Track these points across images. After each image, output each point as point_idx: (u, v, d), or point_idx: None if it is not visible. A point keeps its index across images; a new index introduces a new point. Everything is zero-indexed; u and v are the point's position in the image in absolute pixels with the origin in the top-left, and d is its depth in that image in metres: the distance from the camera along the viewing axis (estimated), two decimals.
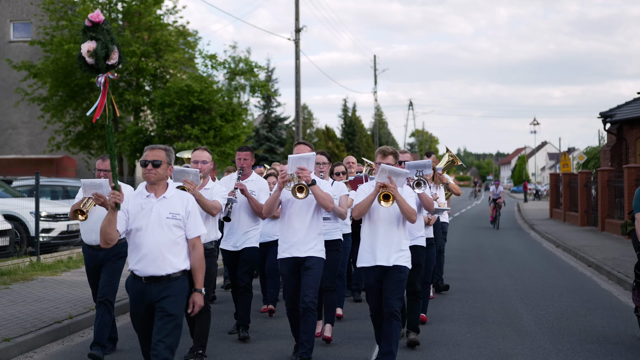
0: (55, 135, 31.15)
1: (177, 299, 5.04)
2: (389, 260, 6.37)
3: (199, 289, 5.11)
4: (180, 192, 5.24)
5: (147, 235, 5.02)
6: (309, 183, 6.43)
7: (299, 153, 6.71)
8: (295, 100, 31.21)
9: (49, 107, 30.15)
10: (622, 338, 8.04)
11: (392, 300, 6.34)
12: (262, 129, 42.83)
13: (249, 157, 7.97)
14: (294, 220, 6.66)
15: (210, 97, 28.08)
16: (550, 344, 7.68)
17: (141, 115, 31.29)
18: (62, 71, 28.83)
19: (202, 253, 5.15)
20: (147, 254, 5.01)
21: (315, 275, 6.64)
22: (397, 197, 6.18)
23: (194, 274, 5.13)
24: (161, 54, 29.99)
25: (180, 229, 5.07)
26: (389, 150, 6.58)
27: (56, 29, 29.41)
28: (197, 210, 5.21)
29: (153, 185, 5.13)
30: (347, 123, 62.79)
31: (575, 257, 16.37)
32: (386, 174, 6.23)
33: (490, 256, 16.81)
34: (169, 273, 5.01)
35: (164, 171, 5.12)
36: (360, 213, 6.41)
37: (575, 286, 12.09)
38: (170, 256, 5.02)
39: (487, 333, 8.22)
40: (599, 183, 23.36)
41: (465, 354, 7.26)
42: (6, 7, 38.16)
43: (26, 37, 37.63)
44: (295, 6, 30.97)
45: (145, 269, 5.03)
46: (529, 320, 9.01)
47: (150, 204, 5.09)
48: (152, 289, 5.02)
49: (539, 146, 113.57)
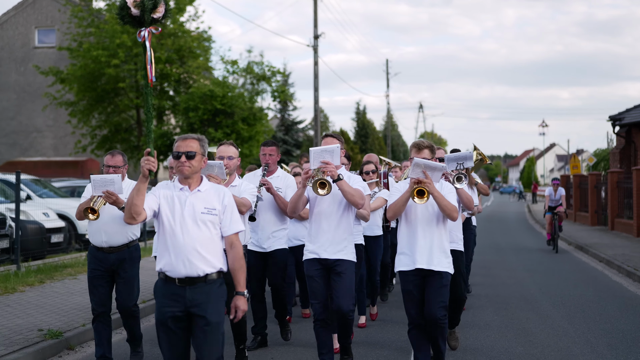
0: (81, 139, 32.34)
1: (218, 305, 4.59)
2: (431, 263, 5.87)
3: (241, 292, 4.61)
4: (216, 186, 4.78)
5: (180, 232, 4.56)
6: (335, 178, 5.83)
7: None
8: (314, 105, 32.29)
9: (76, 112, 31.29)
10: (631, 320, 9.08)
11: (435, 309, 5.85)
12: (279, 131, 43.92)
13: (274, 152, 7.44)
14: (322, 219, 6.13)
15: (233, 101, 29.17)
16: (568, 324, 8.73)
17: (164, 119, 32.43)
18: (89, 76, 29.95)
19: (241, 252, 4.67)
20: (181, 252, 4.53)
21: (349, 281, 6.10)
22: (433, 192, 5.68)
23: (234, 275, 4.63)
24: (184, 60, 31.12)
25: (216, 225, 4.63)
26: (425, 144, 6.09)
27: (83, 35, 30.53)
28: (234, 204, 4.72)
29: (186, 179, 4.67)
30: (359, 126, 64.03)
31: (587, 254, 17.39)
32: (420, 169, 5.73)
33: (507, 253, 17.84)
34: (206, 272, 4.55)
35: (198, 163, 4.65)
36: (395, 213, 5.91)
37: (588, 278, 13.14)
38: (206, 254, 4.56)
39: (512, 315, 9.28)
40: (609, 184, 24.35)
41: (495, 331, 8.32)
42: (31, 14, 39.34)
43: (50, 43, 38.85)
44: (314, 13, 32.07)
45: (178, 269, 4.54)
46: (547, 305, 10.06)
47: (184, 197, 4.63)
48: (187, 293, 4.52)
49: (547, 148, 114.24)
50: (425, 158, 5.89)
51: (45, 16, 39.26)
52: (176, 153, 4.61)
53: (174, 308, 4.52)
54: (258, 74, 31.63)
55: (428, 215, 5.92)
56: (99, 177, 6.06)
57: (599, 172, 29.62)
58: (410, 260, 5.92)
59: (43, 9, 39.30)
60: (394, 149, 72.62)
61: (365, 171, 8.56)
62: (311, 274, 6.16)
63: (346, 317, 6.10)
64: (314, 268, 6.15)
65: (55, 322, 8.08)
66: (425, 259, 5.86)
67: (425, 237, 5.90)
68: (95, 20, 30.50)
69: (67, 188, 20.28)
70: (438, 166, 5.78)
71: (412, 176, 5.73)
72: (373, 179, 8.52)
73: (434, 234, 5.92)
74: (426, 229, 5.91)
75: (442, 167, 5.81)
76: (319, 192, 5.79)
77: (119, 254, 6.54)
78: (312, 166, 5.87)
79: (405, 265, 5.97)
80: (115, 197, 6.07)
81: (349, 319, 6.14)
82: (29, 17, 39.37)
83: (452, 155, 6.74)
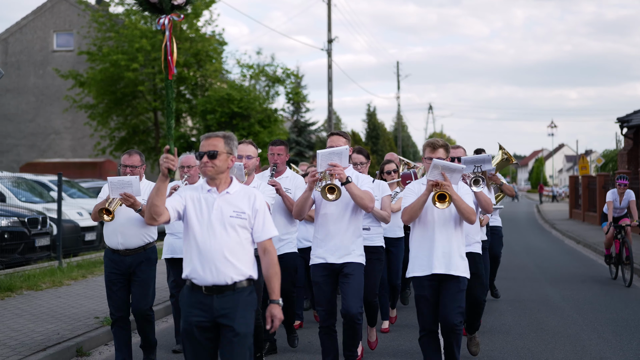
0: (100, 141, 33.18)
1: (247, 315, 4.34)
2: (449, 268, 5.64)
3: (275, 300, 4.35)
4: (246, 188, 4.54)
5: (207, 236, 4.32)
6: (343, 181, 5.63)
7: (331, 146, 5.95)
8: (328, 107, 33.10)
9: (95, 115, 32.11)
10: (635, 311, 9.79)
11: (451, 315, 5.60)
12: (292, 133, 44.70)
13: (283, 151, 7.18)
14: (329, 222, 5.88)
15: (249, 104, 29.95)
16: (577, 314, 9.46)
17: (181, 121, 33.25)
18: (109, 80, 30.74)
19: (275, 258, 4.42)
20: (207, 258, 4.29)
21: (358, 282, 5.87)
22: (452, 195, 5.44)
23: (268, 282, 4.40)
24: (201, 64, 31.92)
25: (245, 230, 4.39)
26: (439, 143, 5.82)
27: (103, 40, 31.36)
28: (266, 208, 4.47)
29: (213, 180, 4.43)
30: (370, 127, 64.82)
31: (595, 252, 18.08)
32: (439, 170, 5.48)
33: (518, 251, 18.53)
34: (235, 280, 4.31)
35: (222, 162, 4.40)
36: (412, 217, 5.64)
37: (595, 274, 13.87)
38: (235, 260, 4.32)
39: (525, 306, 10.02)
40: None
41: (510, 319, 9.06)
42: (50, 19, 40.21)
43: (68, 47, 39.74)
44: (328, 18, 32.84)
45: (204, 276, 4.30)
46: (557, 298, 10.78)
47: (211, 199, 4.40)
48: (214, 302, 4.28)
49: (556, 148, 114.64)
50: (439, 157, 5.67)
51: (64, 20, 40.12)
52: (199, 153, 4.41)
53: (200, 318, 4.28)
54: (272, 76, 32.44)
55: (445, 217, 5.68)
56: (116, 179, 5.95)
57: (607, 173, 30.27)
58: (427, 265, 5.66)
59: (61, 13, 40.18)
60: (404, 149, 73.28)
61: (387, 171, 8.27)
62: (317, 280, 5.94)
63: (354, 320, 5.82)
64: (320, 274, 5.93)
65: (106, 310, 8.84)
66: (443, 264, 5.62)
67: (443, 241, 5.65)
68: (114, 25, 31.29)
69: (94, 188, 21.09)
70: (457, 168, 5.55)
71: (430, 178, 5.49)
72: (394, 179, 8.23)
73: (451, 237, 5.68)
74: (443, 232, 5.67)
75: (461, 169, 5.60)
76: (328, 198, 5.56)
77: (135, 256, 6.38)
78: (320, 169, 5.65)
79: (420, 270, 5.70)
80: (132, 200, 5.97)
81: (356, 324, 5.85)
82: (47, 21, 40.24)
83: (469, 158, 6.60)
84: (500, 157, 8.86)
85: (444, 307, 5.63)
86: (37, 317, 8.47)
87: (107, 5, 33.56)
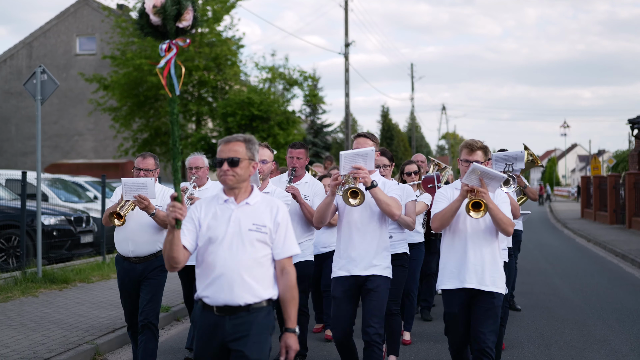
0: (123, 142, 34.21)
1: (261, 339, 3.90)
2: (482, 282, 5.15)
3: (291, 329, 3.92)
4: (268, 197, 4.11)
5: (222, 252, 3.90)
6: (368, 186, 5.23)
7: (357, 148, 5.58)
8: (345, 109, 34.05)
9: (119, 117, 33.12)
10: (639, 301, 10.66)
11: (485, 335, 5.10)
12: (308, 134, 45.66)
13: (302, 155, 6.81)
14: (352, 230, 5.45)
15: (268, 107, 30.88)
16: (584, 304, 10.36)
17: (202, 124, 34.23)
18: (132, 84, 31.73)
19: (294, 280, 3.96)
20: (221, 276, 3.88)
21: (380, 300, 5.42)
22: (489, 204, 4.98)
23: (284, 307, 3.94)
24: (221, 68, 32.88)
25: (265, 246, 3.94)
26: (478, 144, 5.34)
27: (126, 45, 32.35)
28: (289, 222, 4.03)
29: (232, 190, 3.99)
30: (385, 128, 65.83)
31: (605, 249, 18.92)
32: (477, 175, 5.02)
33: (530, 249, 19.37)
34: (249, 303, 3.87)
35: (244, 170, 3.96)
36: (443, 224, 5.20)
37: (604, 269, 14.73)
38: (252, 280, 3.88)
39: (537, 298, 10.90)
40: (627, 185, 25.81)
41: (524, 310, 9.95)
42: (73, 23, 41.29)
43: (91, 50, 40.84)
44: (345, 23, 33.76)
45: (217, 295, 3.89)
46: (567, 291, 11.66)
47: (228, 211, 3.97)
48: (227, 324, 3.88)
49: (568, 148, 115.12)
50: (477, 161, 5.21)
51: (86, 25, 41.17)
52: (218, 159, 3.94)
53: (211, 340, 3.91)
54: (290, 79, 33.40)
55: (479, 227, 5.22)
56: (130, 180, 5.68)
57: (618, 174, 31.03)
58: (458, 279, 5.21)
59: (84, 17, 41.25)
60: (418, 150, 74.16)
61: (407, 172, 7.86)
62: (338, 295, 5.48)
63: (372, 342, 5.35)
64: (341, 288, 5.48)
65: None
66: (475, 278, 5.16)
67: (476, 253, 5.18)
68: (138, 30, 32.21)
69: None
70: (498, 176, 5.07)
71: (467, 182, 5.05)
72: (414, 181, 7.82)
73: (486, 248, 5.20)
74: (476, 242, 5.20)
75: (502, 177, 5.11)
76: (350, 202, 5.18)
77: (146, 264, 6.11)
78: (343, 171, 5.26)
79: (451, 283, 5.25)
80: (147, 203, 5.70)
81: (374, 345, 5.36)
82: (70, 25, 41.31)
83: (500, 155, 6.22)
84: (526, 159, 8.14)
85: (475, 325, 5.17)
86: (98, 305, 9.42)
87: (128, 10, 34.56)
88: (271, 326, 3.98)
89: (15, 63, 41.48)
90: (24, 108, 40.61)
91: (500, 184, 5.17)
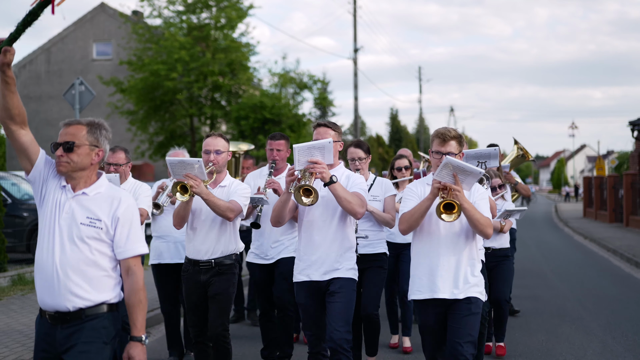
0: (140, 145, 35.45)
1: (91, 349, 3.40)
2: (455, 292, 4.56)
3: (137, 337, 3.48)
4: (114, 190, 3.63)
5: (49, 247, 3.45)
6: (326, 181, 4.70)
7: (317, 139, 5.03)
8: (354, 112, 35.21)
9: (135, 121, 34.36)
10: (619, 290, 11.79)
11: (461, 346, 4.50)
12: None
13: (283, 147, 6.35)
14: (313, 230, 4.96)
15: (280, 110, 32.09)
16: (568, 290, 11.55)
17: (217, 126, 35.47)
18: (149, 88, 32.96)
19: (141, 282, 3.51)
20: (47, 277, 3.43)
21: (345, 302, 4.90)
22: (463, 204, 4.35)
23: (129, 312, 3.50)
24: (235, 73, 34.09)
25: (101, 243, 3.48)
26: (451, 134, 4.65)
27: (143, 50, 33.59)
28: (135, 218, 3.57)
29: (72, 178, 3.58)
30: (393, 130, 66.98)
31: (599, 245, 20.03)
32: (449, 170, 4.38)
33: (529, 245, 20.44)
34: (79, 307, 3.41)
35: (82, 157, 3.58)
36: (411, 226, 4.56)
37: (595, 264, 15.87)
38: (82, 281, 3.42)
39: (535, 292, 11.97)
40: (624, 185, 26.87)
41: (527, 303, 10.88)
42: (89, 29, 42.64)
43: (107, 56, 42.17)
44: (354, 28, 34.95)
45: (44, 300, 3.45)
46: (563, 288, 12.79)
47: (63, 199, 3.53)
48: (58, 334, 3.43)
49: (577, 149, 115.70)
50: (451, 153, 4.58)
51: (102, 31, 42.49)
52: (53, 143, 3.65)
53: (45, 354, 3.47)
54: (300, 83, 34.61)
55: (454, 229, 4.59)
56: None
57: (616, 174, 32.06)
58: (429, 288, 4.61)
59: (100, 24, 42.58)
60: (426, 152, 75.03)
61: (397, 167, 7.32)
62: (302, 301, 5.06)
63: (338, 348, 4.79)
64: (304, 294, 5.04)
65: None
66: (448, 287, 4.57)
67: (450, 258, 4.57)
68: (153, 37, 33.50)
69: None
70: (474, 171, 4.41)
71: (438, 179, 4.41)
72: (406, 176, 7.24)
73: (462, 252, 4.59)
74: (450, 247, 4.59)
75: (479, 172, 4.45)
76: (302, 202, 4.63)
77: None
78: (298, 166, 4.72)
79: (422, 292, 4.65)
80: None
81: (340, 352, 4.79)
82: (87, 31, 42.64)
83: (472, 152, 5.90)
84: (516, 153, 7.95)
85: (450, 336, 4.57)
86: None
87: (142, 17, 35.80)
88: (111, 335, 3.49)
89: (34, 68, 42.91)
90: (43, 112, 41.94)
91: (476, 180, 4.50)
